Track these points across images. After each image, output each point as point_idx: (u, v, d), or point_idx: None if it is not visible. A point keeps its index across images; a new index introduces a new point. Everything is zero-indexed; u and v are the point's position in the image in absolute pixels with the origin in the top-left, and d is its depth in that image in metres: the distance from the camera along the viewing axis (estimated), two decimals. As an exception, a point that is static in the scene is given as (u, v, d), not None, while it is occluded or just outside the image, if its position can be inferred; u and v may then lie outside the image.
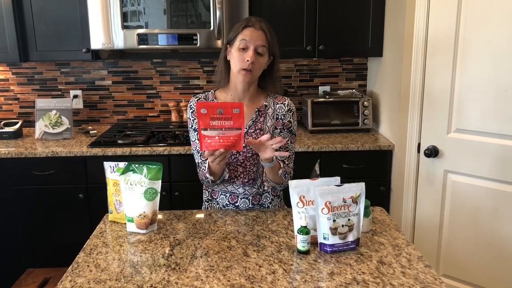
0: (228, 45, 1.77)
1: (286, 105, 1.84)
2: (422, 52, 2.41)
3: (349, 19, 2.89)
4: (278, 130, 1.81)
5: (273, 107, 1.82)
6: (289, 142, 1.81)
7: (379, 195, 2.82)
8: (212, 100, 1.83)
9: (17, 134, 2.97)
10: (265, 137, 1.56)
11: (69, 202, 2.72)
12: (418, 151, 2.53)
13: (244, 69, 1.70)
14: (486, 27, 2.18)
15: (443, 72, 2.35)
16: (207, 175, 1.71)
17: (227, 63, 1.79)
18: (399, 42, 2.64)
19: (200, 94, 1.87)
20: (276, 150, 1.59)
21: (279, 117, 1.82)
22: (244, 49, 1.70)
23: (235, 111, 1.48)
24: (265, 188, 1.82)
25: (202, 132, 1.49)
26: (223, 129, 1.49)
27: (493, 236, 2.31)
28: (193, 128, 1.82)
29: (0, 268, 2.79)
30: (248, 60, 1.68)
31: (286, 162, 1.77)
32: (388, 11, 2.86)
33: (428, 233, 2.56)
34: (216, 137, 1.50)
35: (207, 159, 1.76)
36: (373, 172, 2.82)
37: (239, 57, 1.70)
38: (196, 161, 1.83)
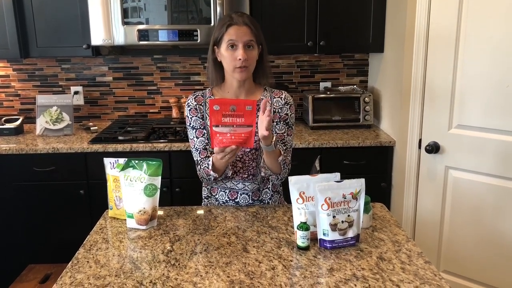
0: (215, 46, 1.76)
1: (283, 98, 1.83)
2: (423, 48, 2.40)
3: (350, 15, 2.88)
4: (275, 123, 1.81)
5: (270, 101, 1.82)
6: (285, 134, 1.80)
7: (380, 191, 2.81)
8: (210, 97, 1.82)
9: (18, 131, 2.97)
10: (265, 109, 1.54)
11: (70, 198, 2.72)
12: (419, 147, 2.53)
13: (239, 67, 1.69)
14: (488, 22, 2.16)
15: (444, 68, 2.34)
16: (211, 172, 1.70)
17: (217, 64, 1.78)
18: (400, 38, 2.63)
19: (198, 92, 1.86)
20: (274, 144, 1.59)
21: (276, 110, 1.81)
22: (233, 48, 1.69)
23: (247, 108, 1.48)
24: (262, 174, 1.79)
25: (214, 129, 1.49)
26: (235, 126, 1.49)
27: (494, 232, 2.31)
28: (191, 125, 1.81)
29: (1, 264, 2.80)
30: (240, 59, 1.67)
31: (284, 154, 1.76)
32: (389, 7, 2.84)
33: (429, 229, 2.56)
34: (228, 134, 1.49)
35: (208, 156, 1.76)
36: (374, 168, 2.81)
37: (230, 57, 1.69)
38: (195, 158, 1.82)
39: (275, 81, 1.93)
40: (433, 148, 2.43)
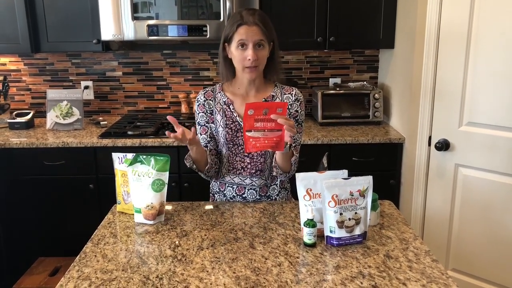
0: (226, 43, 1.75)
1: (293, 94, 1.83)
2: (434, 44, 2.38)
3: (361, 10, 2.86)
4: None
5: (280, 97, 1.82)
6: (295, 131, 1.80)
7: (389, 188, 2.80)
8: (219, 92, 1.83)
9: (29, 125, 3.00)
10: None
11: (80, 192, 2.75)
12: (429, 144, 2.51)
13: (248, 67, 1.69)
14: (500, 19, 2.13)
15: (455, 64, 2.32)
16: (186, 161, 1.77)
17: (228, 60, 1.78)
18: (411, 34, 2.60)
19: (208, 88, 1.87)
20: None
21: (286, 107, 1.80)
22: (243, 47, 1.69)
23: (278, 110, 1.52)
24: (273, 173, 1.80)
25: (247, 134, 1.53)
26: (266, 130, 1.54)
27: (504, 230, 2.28)
28: (197, 121, 1.84)
29: (12, 257, 2.83)
30: (249, 59, 1.67)
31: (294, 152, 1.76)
32: (400, 2, 2.81)
33: (438, 227, 2.54)
34: (261, 139, 1.54)
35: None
36: (383, 165, 2.79)
37: (240, 57, 1.69)
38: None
39: (285, 77, 1.93)
40: (443, 146, 2.41)
